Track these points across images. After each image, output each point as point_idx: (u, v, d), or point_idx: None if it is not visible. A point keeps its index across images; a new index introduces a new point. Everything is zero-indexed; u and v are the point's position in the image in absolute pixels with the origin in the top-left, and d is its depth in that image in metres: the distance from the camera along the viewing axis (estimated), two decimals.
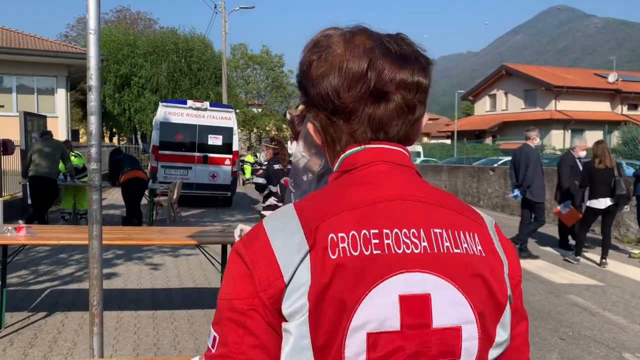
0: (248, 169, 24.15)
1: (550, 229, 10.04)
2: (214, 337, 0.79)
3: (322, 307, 0.73)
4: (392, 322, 0.74)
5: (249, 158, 25.87)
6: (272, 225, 0.80)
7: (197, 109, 13.39)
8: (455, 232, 0.81)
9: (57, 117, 18.91)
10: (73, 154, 10.25)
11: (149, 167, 13.54)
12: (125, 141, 35.68)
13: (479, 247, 0.82)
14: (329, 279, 0.73)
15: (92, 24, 2.31)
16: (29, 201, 8.83)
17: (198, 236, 4.33)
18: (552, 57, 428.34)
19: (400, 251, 0.77)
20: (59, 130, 17.49)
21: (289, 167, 5.91)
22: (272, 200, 5.96)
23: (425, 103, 0.88)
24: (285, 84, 46.30)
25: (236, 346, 0.76)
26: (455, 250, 0.79)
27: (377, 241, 0.77)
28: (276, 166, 5.99)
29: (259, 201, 16.59)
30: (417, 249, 0.78)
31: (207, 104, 13.84)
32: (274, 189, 5.96)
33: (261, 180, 6.05)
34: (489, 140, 32.74)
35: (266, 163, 6.45)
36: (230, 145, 13.74)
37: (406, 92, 0.84)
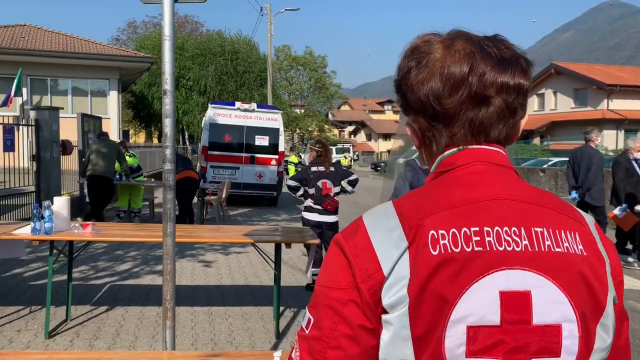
0: (292, 169, 24.36)
1: (607, 232, 9.71)
2: (309, 319, 0.84)
3: (422, 300, 0.76)
4: (492, 316, 0.76)
5: (293, 158, 26.08)
6: (372, 221, 0.84)
7: (245, 110, 13.62)
8: (556, 231, 0.82)
9: (109, 118, 19.58)
10: (128, 154, 10.62)
11: (198, 167, 13.85)
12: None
13: (580, 247, 0.82)
14: (429, 273, 0.76)
15: (167, 30, 2.40)
16: (87, 199, 9.19)
17: (253, 235, 4.42)
18: (604, 55, 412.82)
19: (501, 249, 0.78)
20: (111, 131, 18.11)
21: (332, 169, 5.99)
22: (308, 202, 5.97)
23: (525, 105, 0.89)
24: (328, 85, 46.44)
25: (330, 332, 0.80)
26: (557, 249, 0.80)
27: (478, 238, 0.79)
28: (314, 168, 5.98)
29: (303, 201, 16.74)
30: (518, 247, 0.79)
31: (254, 105, 14.06)
32: (310, 190, 5.95)
33: (292, 183, 6.08)
34: (536, 141, 31.87)
35: (307, 165, 6.45)
36: (277, 145, 13.90)
37: (507, 95, 0.85)
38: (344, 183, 6.04)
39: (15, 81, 16.11)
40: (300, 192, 6.01)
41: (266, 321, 4.79)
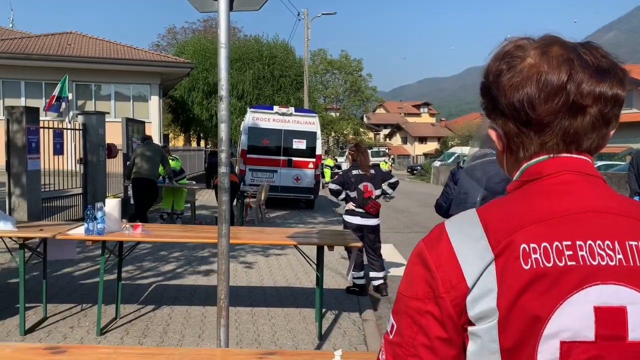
0: (328, 172, 24.43)
1: None
2: (392, 325, 0.86)
3: (513, 314, 0.76)
4: (587, 332, 0.75)
5: (329, 162, 26.16)
6: (455, 230, 0.84)
7: (283, 114, 13.77)
8: None
9: (150, 122, 20.05)
10: (171, 157, 10.88)
11: (237, 170, 14.07)
12: (210, 145, 37.19)
13: None
14: (521, 288, 0.76)
15: (222, 38, 2.48)
16: (132, 201, 9.47)
17: (296, 237, 4.47)
18: None
19: (594, 263, 0.77)
20: (152, 135, 18.54)
21: (372, 171, 6.02)
22: (350, 205, 5.98)
23: (619, 116, 0.87)
24: (364, 88, 46.37)
25: (410, 340, 0.82)
26: None
27: (570, 253, 0.77)
28: (355, 171, 5.99)
29: (340, 204, 16.76)
30: (612, 261, 0.77)
31: (292, 109, 14.19)
32: (351, 194, 5.96)
33: (334, 187, 6.12)
34: None
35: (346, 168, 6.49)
36: (314, 149, 13.99)
37: (604, 105, 0.83)
38: (384, 185, 6.06)
39: (60, 86, 16.73)
40: (342, 195, 6.03)
41: (308, 322, 4.84)
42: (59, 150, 8.69)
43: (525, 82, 0.84)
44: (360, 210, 5.90)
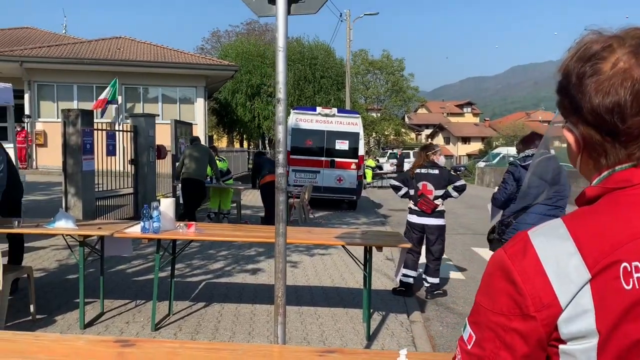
0: (369, 173, 24.36)
1: None
2: (470, 335, 0.82)
3: (615, 336, 0.72)
4: None
5: (370, 162, 26.05)
6: (543, 242, 0.78)
7: (326, 115, 13.83)
8: None
9: (196, 124, 20.49)
10: (218, 158, 11.11)
11: None
12: (252, 146, 37.72)
13: None
14: (623, 310, 0.72)
15: (280, 42, 2.53)
16: (181, 201, 9.71)
17: (344, 237, 4.49)
18: None
19: None
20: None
21: (436, 171, 6.06)
22: (410, 204, 6.11)
23: None
24: (405, 88, 45.99)
25: (492, 355, 0.78)
26: None
27: None
28: (418, 170, 6.07)
29: (382, 205, 16.66)
30: None
31: (335, 110, 14.23)
32: (411, 191, 6.08)
33: (395, 182, 6.27)
34: None
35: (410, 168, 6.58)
36: (356, 149, 13.99)
37: None
38: (449, 188, 6.02)
39: (111, 89, 17.32)
40: (402, 192, 6.14)
41: (355, 323, 4.85)
42: (111, 151, 9.00)
43: (616, 90, 0.77)
44: (417, 208, 5.97)
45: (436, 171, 6.01)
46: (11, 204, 5.32)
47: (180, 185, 9.57)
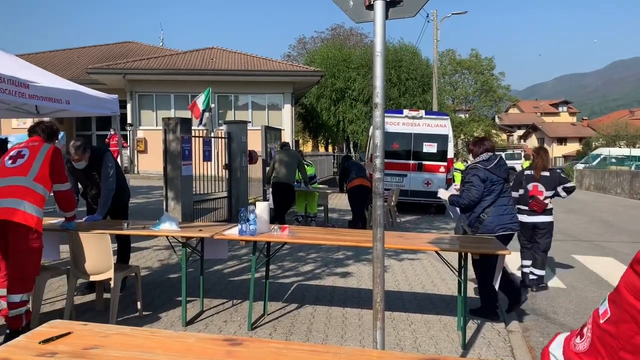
0: (458, 176, 23.65)
1: None
2: (606, 311, 0.85)
3: None
4: None
5: (459, 165, 25.28)
6: None
7: (413, 117, 13.65)
8: None
9: (284, 129, 21.02)
10: (305, 162, 11.31)
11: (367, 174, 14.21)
12: (337, 150, 38.00)
13: None
14: None
15: (378, 47, 2.53)
16: (271, 204, 9.99)
17: (438, 243, 4.40)
18: None
19: None
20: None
21: (546, 173, 6.39)
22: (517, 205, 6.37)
23: None
24: (496, 88, 44.30)
25: (626, 337, 0.81)
26: None
27: None
28: (527, 172, 6.49)
29: None
30: None
31: (422, 112, 14.01)
32: (515, 194, 6.34)
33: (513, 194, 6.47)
34: None
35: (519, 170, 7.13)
36: (445, 152, 13.68)
37: None
38: (559, 188, 6.38)
39: (204, 98, 18.16)
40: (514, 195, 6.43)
41: (449, 331, 4.73)
42: (207, 156, 9.44)
43: None
44: (525, 207, 6.34)
45: (547, 173, 6.38)
46: (119, 207, 5.74)
47: (270, 189, 9.84)
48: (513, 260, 7.66)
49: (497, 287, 4.72)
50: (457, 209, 5.24)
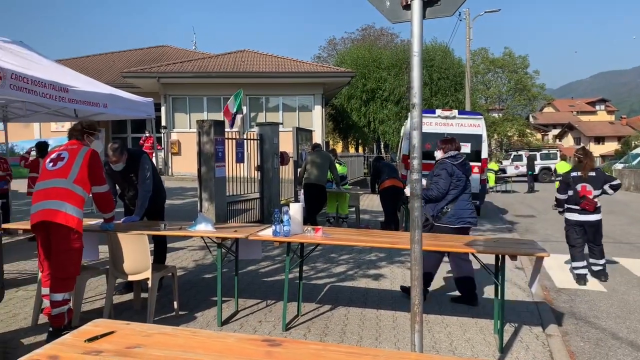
0: (492, 177, 23.26)
1: None
2: None
3: None
4: None
5: (493, 165, 24.88)
6: None
7: (446, 117, 13.46)
8: None
9: (314, 130, 21.06)
10: (337, 161, 11.31)
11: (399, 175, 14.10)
12: (367, 151, 37.86)
13: None
14: None
15: (415, 47, 2.51)
16: (303, 205, 10.01)
17: (474, 245, 4.33)
18: None
19: None
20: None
21: (592, 174, 6.67)
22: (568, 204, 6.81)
23: None
24: (530, 86, 43.41)
25: None
26: None
27: None
28: (574, 173, 6.76)
29: (507, 211, 15.86)
30: None
31: (455, 112, 13.80)
32: (562, 196, 6.84)
33: (562, 196, 6.93)
34: None
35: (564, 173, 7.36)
36: (479, 152, 13.44)
37: None
38: (606, 186, 6.72)
39: (236, 100, 18.37)
40: (564, 196, 6.88)
41: (486, 334, 4.65)
42: (240, 159, 9.53)
43: None
44: (577, 207, 6.71)
45: (593, 173, 6.71)
46: (156, 208, 5.84)
47: (302, 190, 9.87)
48: (551, 262, 7.49)
49: (533, 290, 4.61)
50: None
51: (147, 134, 19.19)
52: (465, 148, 13.41)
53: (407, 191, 5.78)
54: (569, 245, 6.94)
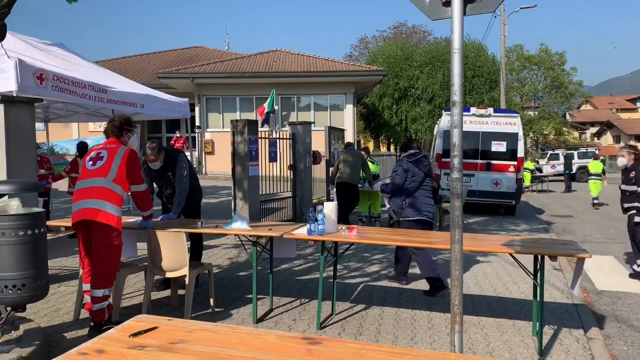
0: (527, 176, 22.78)
1: None
2: None
3: None
4: None
5: (529, 164, 24.36)
6: None
7: (481, 115, 13.25)
8: None
9: (346, 129, 21.01)
10: (370, 160, 11.26)
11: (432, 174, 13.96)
12: (398, 150, 37.56)
13: None
14: None
15: (456, 44, 2.48)
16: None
17: (512, 245, 4.24)
18: None
19: None
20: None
21: None
22: (635, 204, 6.73)
23: None
24: (567, 83, 42.31)
25: None
26: None
27: None
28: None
29: (543, 211, 15.51)
30: None
31: (490, 110, 13.58)
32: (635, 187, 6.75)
33: (631, 188, 6.81)
34: None
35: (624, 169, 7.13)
36: (515, 151, 13.19)
37: None
38: None
39: (269, 100, 18.50)
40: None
41: (524, 336, 4.55)
42: (273, 158, 9.58)
43: None
44: None
45: None
46: (192, 207, 5.92)
47: (334, 189, 9.85)
48: (591, 264, 7.28)
49: (575, 292, 4.49)
50: (385, 200, 6.27)
51: (178, 135, 19.49)
52: (501, 146, 13.21)
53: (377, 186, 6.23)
54: (637, 243, 6.93)
